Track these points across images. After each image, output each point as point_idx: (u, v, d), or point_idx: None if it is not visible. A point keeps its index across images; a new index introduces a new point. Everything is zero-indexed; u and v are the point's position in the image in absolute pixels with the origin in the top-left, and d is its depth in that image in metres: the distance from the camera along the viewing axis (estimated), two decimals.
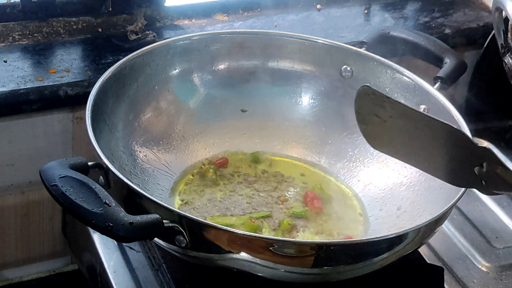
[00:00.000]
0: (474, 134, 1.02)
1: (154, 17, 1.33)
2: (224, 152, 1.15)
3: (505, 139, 1.37)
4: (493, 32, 1.28)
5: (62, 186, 0.82)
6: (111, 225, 0.79)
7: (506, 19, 1.21)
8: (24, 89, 1.13)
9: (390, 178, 1.09)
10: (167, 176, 1.09)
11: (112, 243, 1.07)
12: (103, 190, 0.83)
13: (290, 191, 1.10)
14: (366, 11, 1.46)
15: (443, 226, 1.08)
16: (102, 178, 0.92)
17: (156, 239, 0.88)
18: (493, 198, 1.23)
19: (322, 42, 1.16)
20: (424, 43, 1.18)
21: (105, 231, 0.80)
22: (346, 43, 1.18)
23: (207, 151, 1.14)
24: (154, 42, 1.18)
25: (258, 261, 0.85)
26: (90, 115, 0.95)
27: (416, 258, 1.03)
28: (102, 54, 1.24)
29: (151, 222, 0.81)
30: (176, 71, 1.13)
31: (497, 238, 1.15)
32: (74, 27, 1.28)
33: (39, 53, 1.22)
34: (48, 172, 0.85)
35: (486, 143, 1.35)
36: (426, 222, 0.88)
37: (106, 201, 0.81)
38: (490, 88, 1.43)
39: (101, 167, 0.90)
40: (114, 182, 0.90)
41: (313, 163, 1.15)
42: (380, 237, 0.89)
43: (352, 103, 1.15)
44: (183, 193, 1.07)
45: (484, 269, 1.10)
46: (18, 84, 1.14)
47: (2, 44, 1.22)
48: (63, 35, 1.27)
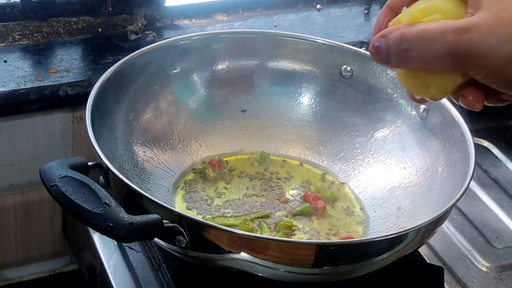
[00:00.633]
0: (474, 134, 1.02)
1: (154, 17, 1.33)
2: (224, 152, 1.15)
3: (505, 139, 1.37)
4: None
5: (62, 186, 0.82)
6: (111, 225, 0.79)
7: None
8: (24, 89, 1.13)
9: (390, 178, 1.09)
10: (167, 176, 1.08)
11: (112, 243, 1.07)
12: (103, 190, 0.83)
13: (290, 191, 1.10)
14: (366, 11, 1.46)
15: (443, 226, 1.08)
16: (102, 178, 0.92)
17: (156, 239, 0.88)
18: (493, 198, 1.23)
19: (322, 42, 1.16)
20: None
21: (105, 231, 0.80)
22: (346, 43, 1.18)
23: (207, 151, 1.14)
24: (154, 42, 1.18)
25: (258, 261, 0.85)
26: (90, 115, 0.95)
27: (416, 258, 1.03)
28: (102, 54, 1.24)
29: (151, 222, 0.81)
30: (176, 71, 1.13)
31: (497, 238, 1.15)
32: (74, 27, 1.28)
33: (39, 53, 1.22)
34: (48, 172, 0.85)
35: (486, 143, 1.35)
36: (426, 222, 0.88)
37: (106, 201, 0.81)
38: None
39: (101, 167, 0.90)
40: (114, 182, 0.90)
41: (313, 163, 1.15)
42: (380, 237, 0.89)
43: (352, 103, 1.16)
44: (183, 193, 1.07)
45: (484, 269, 1.10)
46: (18, 84, 1.14)
47: (2, 44, 1.22)
48: (63, 35, 1.27)
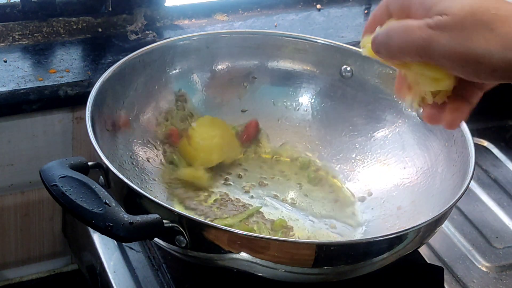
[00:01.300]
0: (474, 134, 1.02)
1: (154, 17, 1.33)
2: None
3: (505, 139, 1.37)
4: None
5: (62, 186, 0.82)
6: (111, 225, 0.79)
7: None
8: (24, 89, 1.13)
9: (390, 178, 1.09)
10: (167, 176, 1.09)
11: (112, 243, 1.07)
12: (103, 190, 0.83)
13: (290, 191, 1.10)
14: (366, 11, 1.46)
15: (443, 226, 1.08)
16: (102, 178, 0.92)
17: (156, 239, 0.88)
18: (493, 198, 1.23)
19: (322, 42, 1.16)
20: None
21: (105, 231, 0.80)
22: (346, 43, 1.18)
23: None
24: (154, 42, 1.18)
25: (258, 261, 0.85)
26: (90, 115, 0.95)
27: (416, 258, 1.03)
28: (102, 54, 1.23)
29: (151, 222, 0.81)
30: (176, 71, 1.13)
31: (497, 238, 1.15)
32: (74, 27, 1.28)
33: (39, 53, 1.22)
34: (48, 172, 0.85)
35: (486, 143, 1.35)
36: (426, 222, 0.88)
37: (106, 201, 0.81)
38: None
39: (101, 167, 0.90)
40: (114, 182, 0.90)
41: (313, 163, 1.15)
42: (380, 237, 0.89)
43: (352, 103, 1.16)
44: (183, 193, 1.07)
45: (484, 269, 1.10)
46: (18, 84, 1.14)
47: (2, 44, 1.22)
48: (63, 35, 1.27)
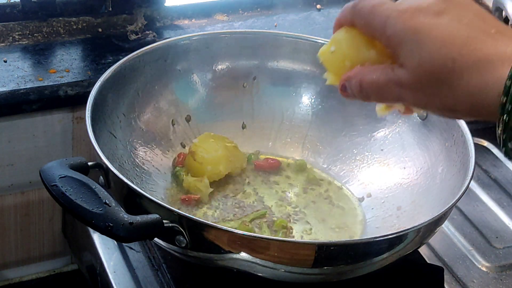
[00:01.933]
0: (474, 134, 1.02)
1: (154, 17, 1.33)
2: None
3: None
4: None
5: (62, 186, 0.82)
6: (111, 225, 0.79)
7: (506, 19, 1.21)
8: (24, 89, 1.13)
9: (390, 178, 1.09)
10: (167, 176, 1.08)
11: (112, 243, 1.06)
12: (103, 190, 0.83)
13: (290, 191, 1.10)
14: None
15: (443, 226, 1.08)
16: (102, 178, 0.92)
17: (156, 239, 0.88)
18: (493, 198, 1.23)
19: (322, 42, 1.16)
20: None
21: (105, 231, 0.80)
22: None
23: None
24: (154, 42, 1.18)
25: (258, 261, 0.85)
26: (90, 115, 0.95)
27: (416, 258, 1.03)
28: (102, 54, 1.24)
29: (151, 222, 0.81)
30: (176, 71, 1.13)
31: (497, 238, 1.15)
32: (74, 27, 1.28)
33: (39, 53, 1.22)
34: (48, 172, 0.85)
35: (486, 143, 1.35)
36: (426, 222, 0.88)
37: (106, 201, 0.81)
38: None
39: (101, 167, 0.90)
40: (114, 182, 0.90)
41: (313, 163, 1.15)
42: (380, 237, 0.89)
43: (351, 103, 1.16)
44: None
45: (484, 269, 1.10)
46: (18, 84, 1.14)
47: (2, 44, 1.22)
48: (63, 35, 1.27)
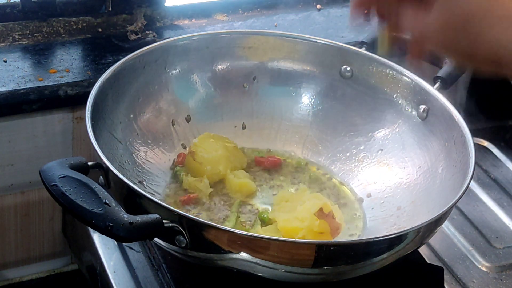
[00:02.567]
0: (474, 134, 1.02)
1: (154, 17, 1.33)
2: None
3: (505, 139, 1.37)
4: None
5: (62, 186, 0.82)
6: (111, 225, 0.79)
7: None
8: (24, 89, 1.13)
9: (390, 178, 1.09)
10: (167, 175, 1.08)
11: (112, 243, 1.06)
12: (103, 190, 0.83)
13: (290, 191, 1.10)
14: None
15: (443, 226, 1.08)
16: (102, 178, 0.92)
17: (156, 239, 0.88)
18: (493, 198, 1.23)
19: (322, 42, 1.16)
20: None
21: (105, 231, 0.80)
22: (346, 43, 1.18)
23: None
24: (154, 42, 1.19)
25: (258, 261, 0.85)
26: (90, 115, 0.95)
27: (416, 258, 1.03)
28: (102, 54, 1.24)
29: (151, 222, 0.81)
30: (176, 71, 1.13)
31: (497, 238, 1.15)
32: (74, 27, 1.28)
33: (39, 53, 1.22)
34: (48, 172, 0.85)
35: (486, 143, 1.35)
36: (426, 222, 0.88)
37: (106, 201, 0.81)
38: (490, 88, 1.43)
39: (101, 167, 0.90)
40: (114, 182, 0.90)
41: (313, 163, 1.15)
42: (380, 237, 0.89)
43: (352, 103, 1.16)
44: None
45: (484, 269, 1.10)
46: (18, 84, 1.14)
47: (2, 44, 1.22)
48: (63, 35, 1.27)
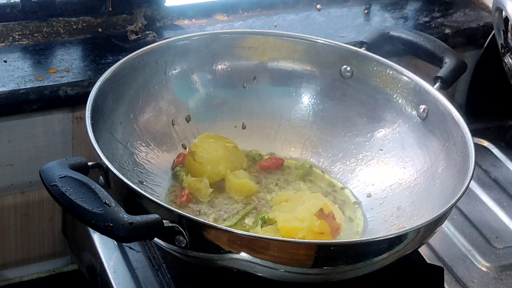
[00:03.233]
0: (474, 134, 1.02)
1: (154, 17, 1.33)
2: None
3: (505, 139, 1.37)
4: (493, 32, 1.28)
5: (62, 186, 0.82)
6: (111, 225, 0.79)
7: (506, 19, 1.21)
8: (24, 89, 1.13)
9: (390, 178, 1.09)
10: (167, 175, 1.08)
11: (112, 243, 1.07)
12: (103, 190, 0.83)
13: (290, 191, 1.09)
14: (366, 11, 1.46)
15: (443, 226, 1.08)
16: (102, 178, 0.92)
17: (156, 239, 0.88)
18: (493, 198, 1.23)
19: (322, 42, 1.16)
20: (424, 43, 1.17)
21: (105, 231, 0.80)
22: (346, 43, 1.18)
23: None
24: (154, 42, 1.19)
25: (258, 261, 0.85)
26: (90, 115, 0.95)
27: (416, 258, 1.03)
28: (102, 54, 1.24)
29: (151, 222, 0.81)
30: (176, 71, 1.13)
31: (497, 238, 1.15)
32: (74, 27, 1.28)
33: (39, 53, 1.22)
34: (48, 172, 0.85)
35: (486, 143, 1.35)
36: (426, 222, 0.88)
37: (106, 201, 0.81)
38: (490, 88, 1.43)
39: (101, 167, 0.90)
40: (114, 182, 0.90)
41: (313, 163, 1.15)
42: (380, 237, 0.89)
43: (352, 103, 1.16)
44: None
45: (484, 269, 1.10)
46: (18, 84, 1.14)
47: (2, 44, 1.22)
48: (63, 35, 1.27)
